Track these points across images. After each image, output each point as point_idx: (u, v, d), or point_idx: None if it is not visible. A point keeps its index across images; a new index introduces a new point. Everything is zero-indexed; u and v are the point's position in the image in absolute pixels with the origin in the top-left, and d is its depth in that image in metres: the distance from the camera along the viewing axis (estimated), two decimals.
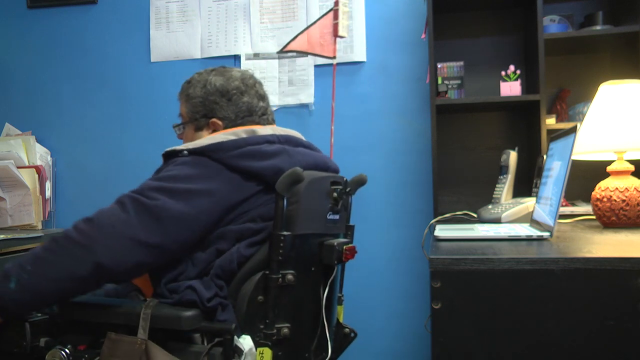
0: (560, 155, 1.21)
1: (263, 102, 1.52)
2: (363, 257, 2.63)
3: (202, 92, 1.46)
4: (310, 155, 1.42)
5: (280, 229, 1.23)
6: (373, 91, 2.65)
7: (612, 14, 2.38)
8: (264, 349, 1.20)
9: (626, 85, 1.49)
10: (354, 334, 1.57)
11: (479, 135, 2.54)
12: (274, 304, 1.23)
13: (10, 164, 2.49)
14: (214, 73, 1.49)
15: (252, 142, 1.32)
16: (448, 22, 2.55)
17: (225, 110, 1.45)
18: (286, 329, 1.24)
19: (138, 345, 1.19)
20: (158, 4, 2.83)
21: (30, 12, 2.95)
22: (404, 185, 2.61)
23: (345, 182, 1.46)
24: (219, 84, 1.46)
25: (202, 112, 1.47)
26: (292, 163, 1.32)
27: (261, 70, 2.71)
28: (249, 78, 1.51)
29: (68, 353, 1.24)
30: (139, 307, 1.22)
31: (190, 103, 1.48)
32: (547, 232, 1.12)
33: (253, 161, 1.29)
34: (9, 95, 2.94)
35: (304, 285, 1.31)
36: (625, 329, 0.82)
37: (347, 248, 1.36)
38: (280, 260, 1.23)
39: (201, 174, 1.27)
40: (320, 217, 1.36)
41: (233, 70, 1.51)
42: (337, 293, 1.52)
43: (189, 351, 1.21)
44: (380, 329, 2.59)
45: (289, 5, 2.71)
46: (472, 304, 0.86)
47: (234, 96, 1.46)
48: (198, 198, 1.24)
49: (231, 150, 1.29)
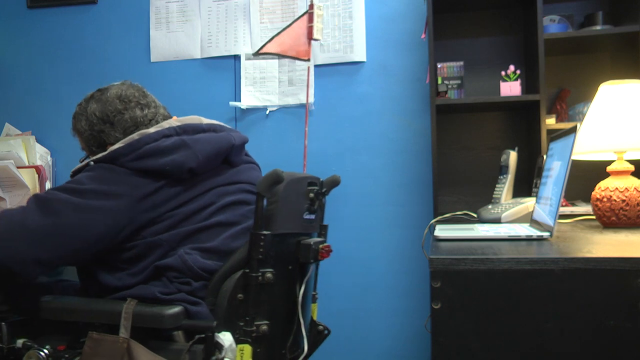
0: (560, 155, 1.21)
1: (148, 108, 1.52)
2: (363, 257, 2.64)
3: (87, 125, 1.48)
4: (211, 141, 1.41)
5: (260, 228, 1.26)
6: (373, 91, 2.65)
7: (612, 14, 2.38)
8: (244, 346, 1.23)
9: (626, 85, 1.49)
10: (327, 331, 1.61)
11: (479, 135, 2.54)
12: (254, 302, 1.26)
13: (10, 164, 2.49)
14: (91, 101, 1.50)
15: (148, 141, 1.34)
16: (448, 22, 2.55)
17: (112, 134, 1.47)
18: (265, 326, 1.27)
19: (120, 344, 1.20)
20: (158, 4, 2.83)
21: (30, 12, 2.95)
22: (404, 185, 2.61)
23: (321, 183, 1.49)
24: (97, 113, 1.47)
25: (95, 144, 1.49)
26: (192, 154, 1.33)
27: (261, 70, 2.72)
28: (127, 89, 1.52)
29: (47, 354, 1.24)
30: (120, 306, 1.23)
31: (83, 138, 1.51)
32: (547, 232, 1.12)
33: (153, 159, 1.31)
34: (9, 95, 2.94)
35: (281, 283, 1.34)
36: (625, 329, 0.82)
37: (323, 247, 1.39)
38: (260, 258, 1.25)
39: (104, 178, 1.30)
40: (298, 217, 1.39)
41: (109, 90, 1.52)
42: (311, 291, 1.56)
43: (171, 349, 1.23)
44: (380, 329, 2.59)
45: (289, 5, 2.71)
46: (472, 304, 0.86)
47: (115, 118, 1.47)
48: (100, 198, 1.28)
49: (129, 154, 1.32)
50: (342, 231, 2.64)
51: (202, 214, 1.35)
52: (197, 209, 1.34)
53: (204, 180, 1.38)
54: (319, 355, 2.63)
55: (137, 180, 1.30)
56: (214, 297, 1.29)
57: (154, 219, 1.31)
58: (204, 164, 1.36)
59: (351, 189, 2.64)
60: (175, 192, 1.33)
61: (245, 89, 2.72)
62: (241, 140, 1.49)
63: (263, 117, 2.72)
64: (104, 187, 1.29)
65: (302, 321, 1.41)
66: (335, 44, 2.66)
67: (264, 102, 2.71)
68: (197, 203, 1.35)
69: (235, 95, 2.75)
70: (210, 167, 1.39)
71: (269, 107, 2.72)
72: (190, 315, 1.26)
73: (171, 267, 1.28)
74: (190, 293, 1.29)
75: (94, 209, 1.27)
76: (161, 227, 1.31)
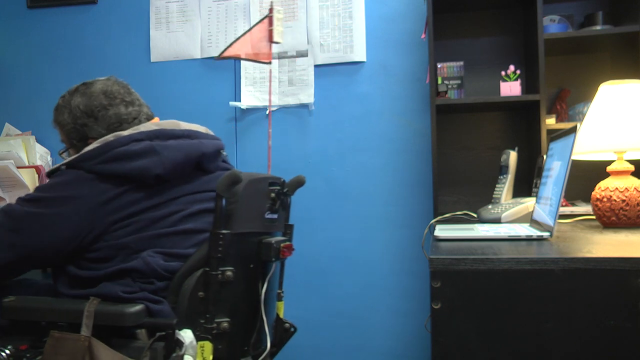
0: (560, 155, 1.21)
1: (132, 106, 1.51)
2: (363, 257, 2.65)
3: (70, 118, 1.49)
4: (181, 148, 1.40)
5: (219, 227, 1.28)
6: (373, 91, 2.65)
7: (612, 14, 2.38)
8: (205, 343, 1.26)
9: (626, 85, 1.49)
10: (294, 329, 1.63)
11: (479, 135, 2.54)
12: (214, 300, 1.28)
13: (10, 164, 2.48)
14: (76, 95, 1.50)
15: (117, 145, 1.34)
16: (448, 22, 2.55)
17: (96, 129, 1.47)
18: (226, 323, 1.29)
19: (82, 342, 1.21)
20: (158, 4, 2.83)
21: (30, 12, 2.95)
22: (404, 185, 2.61)
23: (283, 183, 1.50)
24: (82, 106, 1.48)
25: (77, 137, 1.50)
26: (159, 161, 1.33)
27: (261, 70, 2.72)
28: (112, 85, 1.52)
29: (8, 354, 1.25)
30: (82, 305, 1.25)
31: (64, 130, 1.52)
32: (547, 232, 1.12)
33: (119, 163, 1.32)
34: (9, 95, 2.94)
35: (243, 281, 1.36)
36: (625, 329, 0.82)
37: (285, 245, 1.41)
38: (219, 257, 1.28)
39: (68, 182, 1.33)
40: (259, 217, 1.41)
41: (95, 85, 1.52)
42: (276, 289, 1.58)
43: (132, 346, 1.25)
44: (381, 329, 2.59)
45: (289, 5, 2.71)
46: (472, 304, 0.86)
47: (100, 113, 1.47)
48: (62, 204, 1.31)
49: (98, 157, 1.33)
50: (342, 231, 2.64)
51: (168, 220, 1.35)
52: (164, 215, 1.35)
53: (174, 187, 1.38)
54: (319, 355, 2.64)
55: (101, 184, 1.32)
56: (175, 296, 1.31)
57: (118, 223, 1.32)
58: (172, 171, 1.35)
59: (351, 189, 2.64)
60: (141, 196, 1.33)
61: (245, 89, 2.72)
62: (214, 148, 1.48)
63: (263, 117, 2.72)
64: (65, 193, 1.31)
65: (265, 318, 1.44)
66: (335, 44, 2.66)
67: (264, 102, 2.71)
68: (165, 209, 1.35)
69: (235, 95, 2.75)
70: (179, 174, 1.39)
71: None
72: (152, 313, 1.28)
73: (135, 270, 1.30)
74: (153, 292, 1.30)
75: (55, 215, 1.30)
76: (126, 231, 1.32)
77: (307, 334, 2.62)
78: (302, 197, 2.67)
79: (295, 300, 2.65)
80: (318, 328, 2.63)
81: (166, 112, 2.78)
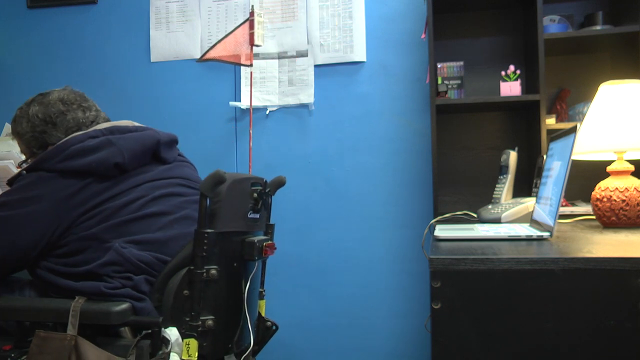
0: (560, 155, 1.21)
1: (90, 111, 1.56)
2: (363, 257, 2.65)
3: (29, 127, 1.52)
4: (137, 137, 1.45)
5: (204, 226, 1.30)
6: (373, 91, 2.65)
7: (612, 14, 2.38)
8: (190, 340, 1.27)
9: (626, 85, 1.48)
10: (275, 327, 1.65)
11: (479, 135, 2.54)
12: (199, 298, 1.29)
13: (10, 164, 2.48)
14: (33, 104, 1.54)
15: (74, 142, 1.39)
16: (448, 22, 2.55)
17: (55, 134, 1.51)
18: (210, 321, 1.31)
19: (67, 341, 1.22)
20: (158, 4, 2.83)
21: (30, 12, 2.95)
22: (404, 185, 2.61)
23: (265, 183, 1.53)
24: (40, 114, 1.51)
25: (37, 145, 1.53)
26: (118, 150, 1.38)
27: (261, 70, 2.72)
28: (69, 94, 1.56)
29: None
30: (68, 304, 1.26)
31: (23, 140, 1.55)
32: (547, 232, 1.12)
33: (78, 159, 1.36)
34: (9, 95, 2.94)
35: (226, 279, 1.38)
36: (625, 329, 0.82)
37: (267, 245, 1.44)
38: (204, 256, 1.29)
39: (30, 183, 1.35)
40: (242, 216, 1.43)
41: (51, 94, 1.56)
42: (258, 288, 1.60)
43: (119, 345, 1.27)
44: (381, 329, 2.59)
45: (289, 5, 2.71)
46: (472, 304, 0.86)
47: (58, 119, 1.51)
48: (26, 205, 1.33)
49: (57, 156, 1.37)
50: (342, 231, 2.64)
51: (132, 206, 1.38)
52: (127, 202, 1.38)
53: (134, 176, 1.42)
54: (319, 355, 2.64)
55: (63, 181, 1.35)
56: (160, 294, 1.33)
57: (83, 215, 1.34)
58: (131, 160, 1.40)
59: (351, 189, 2.64)
60: (104, 187, 1.37)
61: (245, 89, 2.72)
62: (168, 138, 1.54)
63: (263, 117, 2.72)
64: (28, 194, 1.34)
65: (248, 316, 1.46)
66: (335, 44, 2.66)
67: (264, 102, 2.71)
68: (128, 197, 1.39)
69: (235, 95, 2.75)
70: (138, 163, 1.44)
71: (269, 107, 2.72)
72: (135, 311, 1.30)
73: (110, 262, 1.31)
74: (134, 288, 1.32)
75: (21, 216, 1.32)
76: (93, 222, 1.34)
77: (307, 334, 2.63)
78: (302, 197, 2.67)
79: (295, 300, 2.65)
80: (318, 328, 2.63)
81: (166, 112, 2.79)
